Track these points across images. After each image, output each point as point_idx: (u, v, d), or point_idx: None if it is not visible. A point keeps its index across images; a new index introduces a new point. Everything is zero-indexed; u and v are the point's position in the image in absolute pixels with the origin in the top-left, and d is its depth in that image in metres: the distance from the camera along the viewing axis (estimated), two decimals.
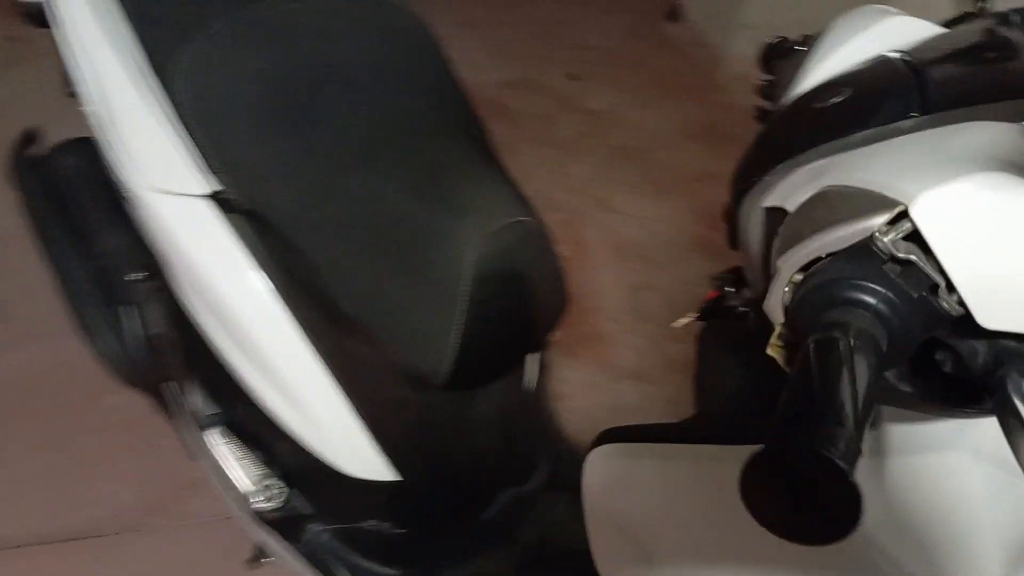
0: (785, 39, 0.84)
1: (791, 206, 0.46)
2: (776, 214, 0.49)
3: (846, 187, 0.43)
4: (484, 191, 0.91)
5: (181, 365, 1.09)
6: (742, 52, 3.07)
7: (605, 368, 1.81)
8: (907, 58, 0.55)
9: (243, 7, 0.90)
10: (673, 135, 2.70)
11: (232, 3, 0.90)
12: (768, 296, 0.41)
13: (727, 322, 0.70)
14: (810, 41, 0.72)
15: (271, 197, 0.88)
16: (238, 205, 0.88)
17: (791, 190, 0.48)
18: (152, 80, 0.87)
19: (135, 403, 1.24)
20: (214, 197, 0.88)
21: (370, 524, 1.07)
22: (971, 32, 0.55)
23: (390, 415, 0.97)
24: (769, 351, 0.46)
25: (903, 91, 0.49)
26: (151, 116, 0.88)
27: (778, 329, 0.44)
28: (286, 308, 0.89)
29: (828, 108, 0.53)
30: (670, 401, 1.76)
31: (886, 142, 0.45)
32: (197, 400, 1.07)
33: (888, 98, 0.49)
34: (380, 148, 0.91)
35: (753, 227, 0.53)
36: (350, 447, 0.97)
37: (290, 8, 0.93)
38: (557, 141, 2.67)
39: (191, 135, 0.86)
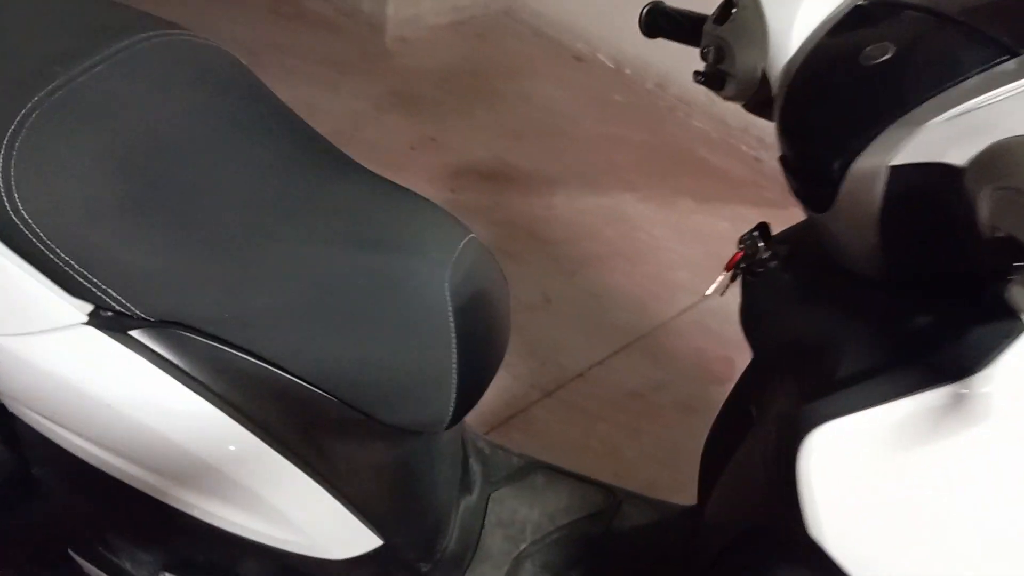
0: (659, 2, 0.88)
1: (958, 159, 0.50)
2: (915, 170, 0.52)
3: None
4: (411, 216, 0.84)
5: (86, 522, 0.89)
6: (397, 15, 3.09)
7: None
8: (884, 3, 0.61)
9: (43, 88, 0.71)
10: (369, 112, 2.66)
11: (26, 91, 0.70)
12: None
13: (768, 276, 0.73)
14: (741, 3, 0.74)
15: (176, 297, 0.73)
16: (136, 319, 0.72)
17: (941, 146, 0.51)
18: None
19: None
20: (95, 321, 0.71)
21: None
22: None
23: (366, 480, 0.88)
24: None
25: (956, 39, 0.55)
26: None
27: None
28: (233, 417, 0.76)
29: (886, 64, 0.57)
30: (518, 368, 1.79)
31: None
32: (122, 554, 0.87)
33: (953, 48, 0.55)
34: (272, 205, 0.80)
35: (870, 186, 0.55)
36: (334, 531, 0.88)
37: (98, 77, 0.75)
38: None
39: (44, 257, 0.69)
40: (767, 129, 2.78)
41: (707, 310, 2.04)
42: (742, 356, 1.93)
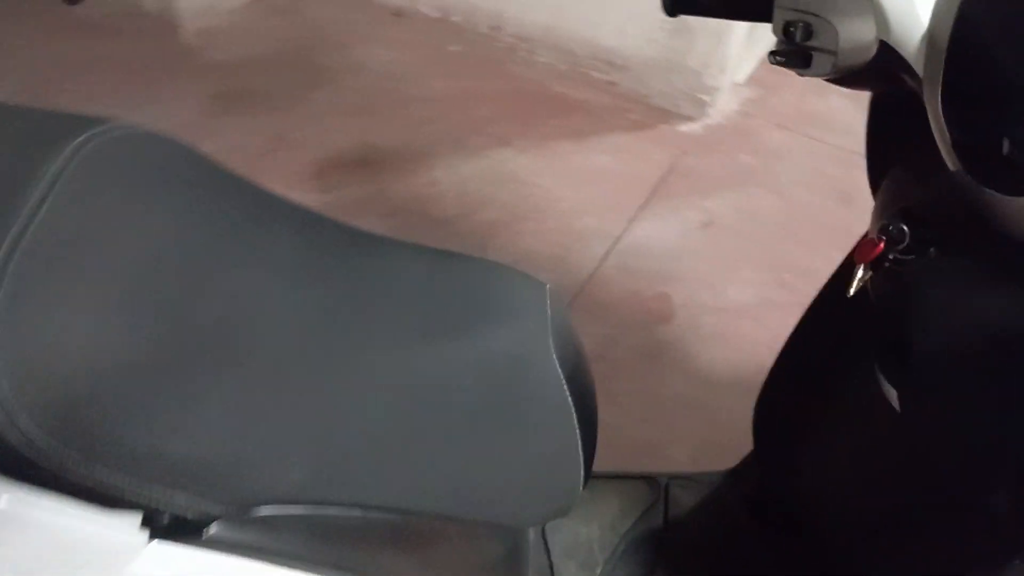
0: None
1: None
2: None
3: None
4: (481, 281, 0.72)
5: None
6: (191, 5, 2.77)
7: None
8: None
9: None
10: (199, 121, 2.37)
11: None
12: None
13: (921, 263, 0.66)
14: None
15: (253, 473, 0.59)
16: (209, 514, 0.58)
17: None
18: None
19: None
20: (159, 532, 0.56)
21: None
22: None
23: None
24: None
25: None
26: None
27: None
28: None
29: None
30: None
31: None
32: None
33: None
34: (320, 311, 0.65)
35: None
36: None
37: (56, 207, 0.56)
38: None
39: (78, 478, 0.53)
40: (615, 51, 2.79)
41: (624, 251, 2.02)
42: (674, 289, 1.96)
